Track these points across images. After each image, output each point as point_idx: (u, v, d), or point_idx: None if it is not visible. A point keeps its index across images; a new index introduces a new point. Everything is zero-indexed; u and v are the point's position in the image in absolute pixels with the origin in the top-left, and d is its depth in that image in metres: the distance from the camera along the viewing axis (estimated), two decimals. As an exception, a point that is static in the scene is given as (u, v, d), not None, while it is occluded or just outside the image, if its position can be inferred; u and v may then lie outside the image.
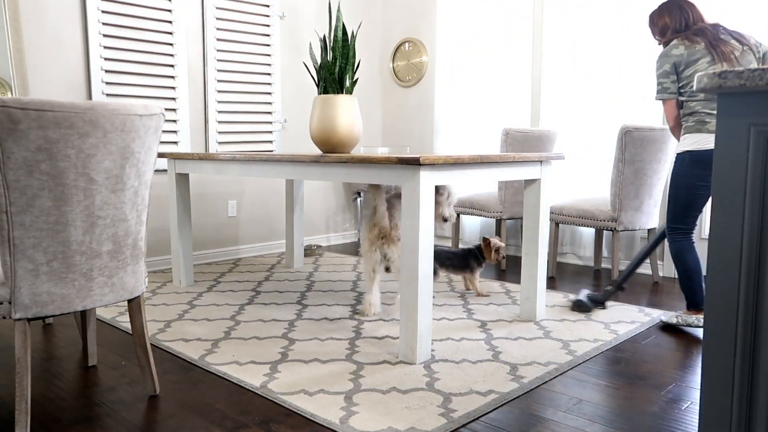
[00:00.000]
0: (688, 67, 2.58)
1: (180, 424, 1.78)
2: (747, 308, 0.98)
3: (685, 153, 2.61)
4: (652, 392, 2.01)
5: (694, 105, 2.59)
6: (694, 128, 2.59)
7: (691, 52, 2.58)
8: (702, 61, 2.57)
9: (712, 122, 2.56)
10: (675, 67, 2.61)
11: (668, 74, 2.62)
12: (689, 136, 2.61)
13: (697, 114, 2.58)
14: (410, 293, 2.21)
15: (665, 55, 2.63)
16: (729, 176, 0.98)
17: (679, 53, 2.60)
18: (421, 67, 5.02)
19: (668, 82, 2.63)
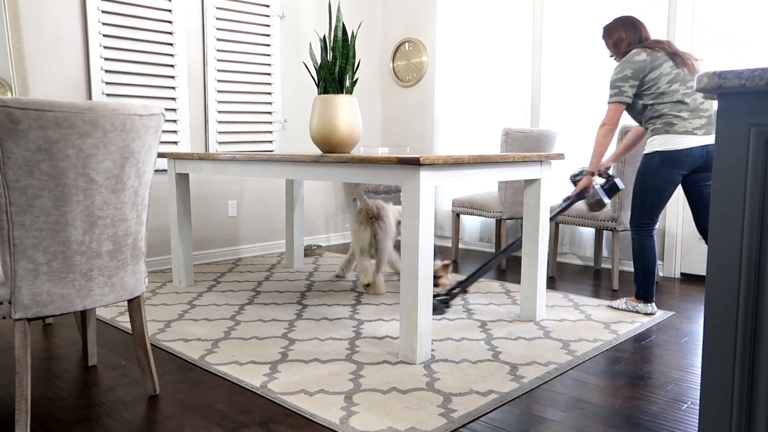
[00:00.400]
0: (653, 71, 2.72)
1: (180, 424, 1.78)
2: (747, 308, 0.98)
3: (655, 153, 2.73)
4: (652, 392, 2.01)
5: (660, 108, 2.72)
6: (662, 130, 2.71)
7: (653, 58, 2.73)
8: (665, 65, 2.72)
9: (679, 124, 2.69)
10: (637, 72, 2.74)
11: (628, 79, 2.75)
12: (658, 138, 2.73)
13: (665, 116, 2.71)
14: (410, 293, 2.21)
15: (627, 62, 2.76)
16: (729, 176, 0.98)
17: (642, 59, 2.74)
18: (421, 67, 5.02)
19: (626, 86, 2.76)
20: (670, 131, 2.69)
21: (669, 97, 2.71)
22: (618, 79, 2.77)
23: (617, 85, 2.77)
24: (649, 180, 2.76)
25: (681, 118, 2.69)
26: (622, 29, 2.86)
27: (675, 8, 3.66)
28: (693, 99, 2.71)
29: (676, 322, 2.82)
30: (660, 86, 2.72)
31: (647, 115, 2.79)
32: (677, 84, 2.72)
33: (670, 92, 2.71)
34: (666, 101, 2.71)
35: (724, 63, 3.52)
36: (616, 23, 2.88)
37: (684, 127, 2.68)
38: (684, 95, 2.71)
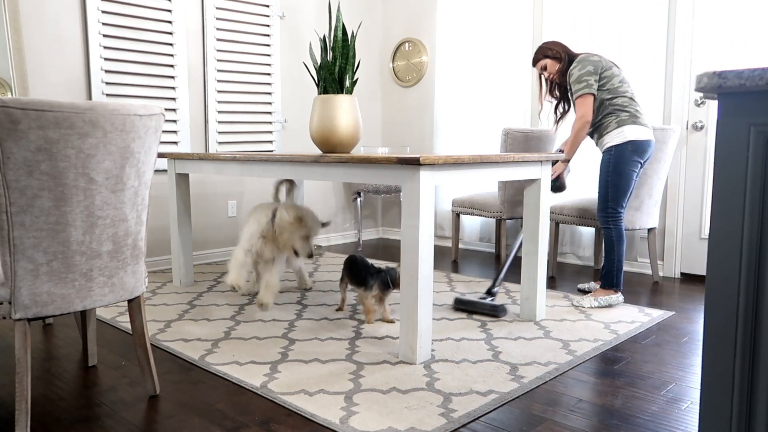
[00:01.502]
0: (607, 69, 2.97)
1: (180, 424, 1.78)
2: (747, 308, 0.98)
3: (627, 143, 2.90)
4: (652, 392, 2.01)
5: (621, 101, 2.94)
6: (629, 120, 2.92)
7: (605, 60, 2.99)
8: (615, 68, 3.00)
9: (641, 117, 2.94)
10: (597, 68, 2.96)
11: (592, 74, 2.95)
12: (627, 128, 2.91)
13: (628, 109, 2.93)
14: (410, 293, 2.21)
15: (586, 60, 2.99)
16: (729, 176, 0.98)
17: (598, 59, 2.99)
18: (421, 67, 5.02)
19: (592, 80, 2.95)
20: (636, 122, 2.91)
21: (623, 93, 2.95)
22: (584, 74, 2.95)
23: (584, 79, 2.94)
24: (623, 168, 2.93)
25: (639, 112, 2.95)
26: (554, 46, 3.12)
27: (675, 8, 3.66)
28: (637, 99, 3.02)
29: (676, 322, 2.82)
30: (615, 83, 2.95)
31: (608, 110, 2.96)
32: (626, 84, 2.98)
33: (624, 89, 2.96)
34: (623, 96, 2.94)
35: (724, 63, 3.52)
36: (545, 44, 3.14)
37: (643, 121, 2.94)
38: (632, 94, 2.98)
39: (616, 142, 2.92)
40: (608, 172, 2.95)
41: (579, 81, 2.95)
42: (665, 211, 3.80)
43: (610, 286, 3.02)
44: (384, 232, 5.48)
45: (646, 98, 3.81)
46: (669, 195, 3.78)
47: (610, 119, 2.94)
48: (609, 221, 2.99)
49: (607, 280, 3.02)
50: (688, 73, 3.66)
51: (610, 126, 2.94)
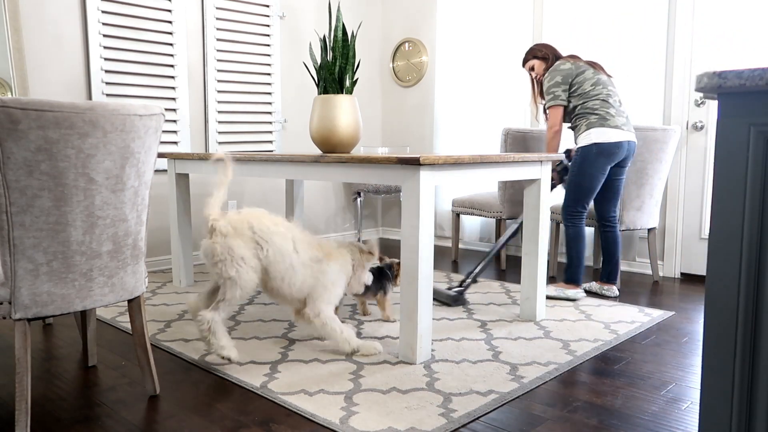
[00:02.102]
0: (578, 75, 3.09)
1: (180, 424, 1.78)
2: (747, 308, 0.98)
3: (593, 145, 3.02)
4: (652, 392, 2.01)
5: (591, 105, 3.05)
6: (597, 123, 3.02)
7: (576, 66, 3.11)
8: (588, 71, 3.10)
9: (610, 120, 3.02)
10: (566, 78, 3.10)
11: (560, 84, 3.10)
12: (594, 131, 3.02)
13: (597, 112, 3.03)
14: (410, 293, 2.21)
15: (555, 70, 3.13)
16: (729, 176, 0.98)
17: (567, 67, 3.11)
18: (421, 67, 5.02)
19: (559, 91, 3.10)
20: (604, 125, 3.01)
21: (595, 96, 3.05)
22: (551, 86, 3.12)
23: (552, 91, 3.12)
24: (586, 169, 3.04)
25: (610, 114, 3.02)
26: (544, 48, 3.26)
27: (675, 8, 3.66)
28: (614, 100, 3.07)
29: (676, 322, 2.82)
30: (586, 87, 3.07)
31: (579, 113, 3.09)
32: (600, 86, 3.07)
33: (596, 92, 3.06)
34: (594, 100, 3.05)
35: (724, 63, 3.52)
36: (535, 45, 3.30)
37: (614, 122, 3.01)
38: (607, 96, 3.06)
39: (582, 144, 3.06)
40: (573, 173, 3.10)
41: (547, 93, 3.13)
42: (665, 211, 3.80)
43: (569, 281, 3.16)
44: (384, 232, 5.47)
45: (646, 98, 3.81)
46: (669, 195, 3.78)
47: (581, 122, 3.08)
48: (569, 219, 3.13)
49: (567, 275, 3.17)
50: (688, 73, 3.66)
51: (581, 128, 3.08)
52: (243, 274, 2.11)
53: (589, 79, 3.07)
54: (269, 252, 2.15)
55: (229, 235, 2.12)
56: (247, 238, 2.14)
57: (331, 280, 2.28)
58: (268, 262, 2.16)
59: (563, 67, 3.11)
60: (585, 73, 3.08)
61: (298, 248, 2.22)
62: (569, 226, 3.12)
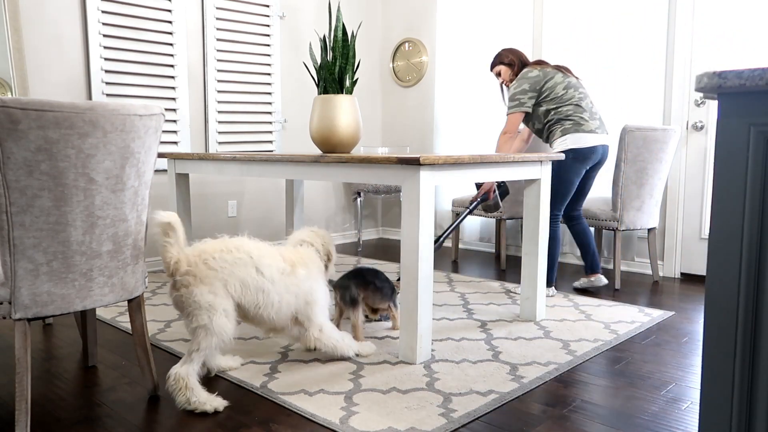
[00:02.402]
0: (547, 81, 3.10)
1: (180, 424, 1.78)
2: (747, 308, 0.98)
3: (569, 151, 3.06)
4: (652, 392, 2.01)
5: (564, 110, 3.09)
6: (572, 129, 3.06)
7: (545, 72, 3.12)
8: (557, 76, 3.12)
9: (584, 124, 3.06)
10: (534, 85, 3.10)
11: (527, 92, 3.11)
12: (570, 137, 3.06)
13: (571, 118, 3.07)
14: (410, 293, 2.21)
15: (523, 78, 3.14)
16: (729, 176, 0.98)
17: (535, 74, 3.12)
18: (421, 67, 5.02)
19: (525, 98, 3.12)
20: (579, 130, 3.05)
21: (568, 101, 3.09)
22: (517, 93, 3.12)
23: (517, 97, 3.12)
24: (563, 175, 3.09)
25: (584, 119, 3.07)
26: (511, 54, 3.28)
27: (675, 8, 3.66)
28: (586, 103, 3.11)
29: (676, 322, 2.82)
30: (558, 91, 3.09)
31: (552, 118, 3.12)
32: (572, 90, 3.10)
33: (568, 96, 3.09)
34: (567, 105, 3.08)
35: (724, 63, 3.52)
36: (502, 51, 3.31)
37: (589, 126, 3.06)
38: (579, 99, 3.10)
39: (558, 149, 3.11)
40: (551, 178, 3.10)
41: (512, 99, 3.15)
42: (665, 211, 3.80)
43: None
44: (384, 232, 5.47)
45: (646, 98, 3.81)
46: (669, 195, 3.78)
47: (556, 128, 3.12)
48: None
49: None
50: (688, 73, 3.66)
51: (556, 134, 3.12)
52: (216, 321, 1.89)
53: (559, 83, 3.10)
54: (235, 285, 1.95)
55: (190, 284, 1.91)
56: (211, 279, 1.92)
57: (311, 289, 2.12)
58: (238, 296, 1.96)
59: (531, 75, 3.12)
60: (554, 78, 3.10)
61: (261, 269, 2.00)
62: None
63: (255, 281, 1.98)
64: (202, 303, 1.90)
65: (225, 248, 1.99)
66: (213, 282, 1.92)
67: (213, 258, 1.95)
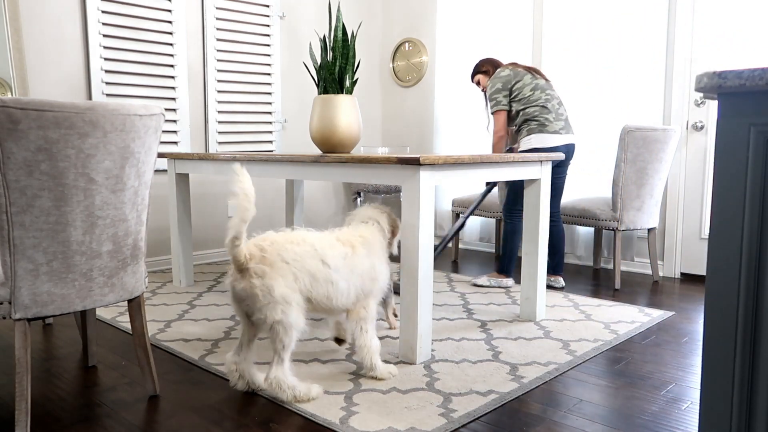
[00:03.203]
0: (517, 82, 3.25)
1: (180, 424, 1.78)
2: (747, 308, 0.98)
3: (533, 150, 3.21)
4: (652, 392, 2.01)
5: (531, 111, 3.23)
6: (537, 129, 3.21)
7: (515, 73, 3.27)
8: (526, 77, 3.26)
9: (549, 125, 3.20)
10: (505, 84, 3.26)
11: (500, 91, 3.26)
12: (534, 137, 3.22)
13: (537, 119, 3.21)
14: (410, 293, 2.21)
15: (495, 77, 3.30)
16: (729, 176, 0.98)
17: (506, 74, 3.28)
18: (421, 67, 5.02)
19: (501, 96, 3.27)
20: (543, 131, 3.20)
21: (534, 102, 3.21)
22: (493, 93, 3.29)
23: (494, 97, 3.28)
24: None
25: (549, 120, 3.20)
26: (485, 63, 3.48)
27: (675, 8, 3.66)
28: (552, 105, 3.24)
29: (676, 322, 2.82)
30: (525, 93, 3.23)
31: (520, 119, 3.27)
32: (538, 92, 3.23)
33: (534, 98, 3.22)
34: (534, 106, 3.21)
35: (724, 63, 3.52)
36: (479, 62, 3.50)
37: (552, 127, 3.20)
38: (546, 101, 3.23)
39: (523, 149, 3.27)
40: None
41: (490, 99, 3.31)
42: (665, 211, 3.80)
43: (501, 271, 3.42)
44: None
45: (646, 98, 3.81)
46: (669, 195, 3.78)
47: (523, 128, 3.28)
48: (508, 216, 3.35)
49: (501, 265, 3.42)
50: (688, 73, 3.66)
51: (522, 134, 3.29)
52: (292, 315, 1.85)
53: (528, 84, 3.23)
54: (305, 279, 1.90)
55: (266, 275, 1.84)
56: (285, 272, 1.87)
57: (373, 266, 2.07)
58: (307, 290, 1.91)
59: (502, 74, 3.28)
60: (523, 79, 3.24)
61: (326, 260, 1.95)
62: (508, 223, 3.34)
63: (323, 273, 1.94)
64: (276, 296, 1.83)
65: (294, 240, 1.94)
66: (287, 275, 1.87)
67: (285, 250, 1.90)
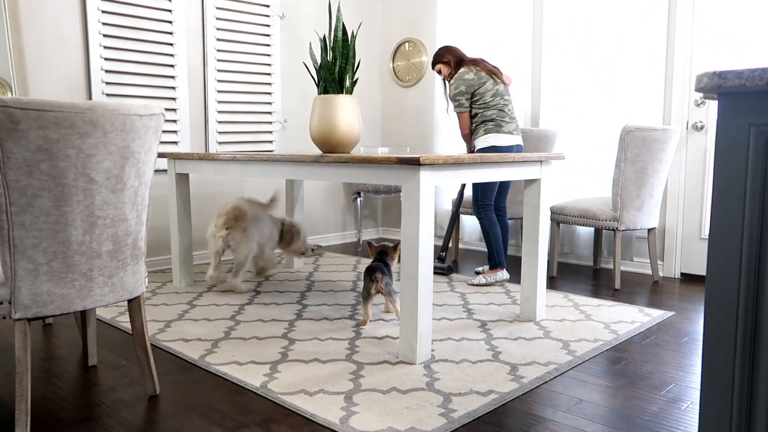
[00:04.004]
0: (480, 87, 3.41)
1: (180, 424, 1.78)
2: (747, 308, 0.98)
3: (491, 147, 3.41)
4: (652, 392, 2.01)
5: (490, 114, 3.42)
6: (494, 129, 3.41)
7: (479, 76, 3.41)
8: (488, 83, 3.42)
9: (504, 126, 3.41)
10: (469, 88, 3.41)
11: (463, 94, 3.43)
12: (491, 136, 3.41)
13: (494, 120, 3.41)
14: (410, 293, 2.21)
15: (460, 79, 3.43)
16: (729, 176, 0.98)
17: (471, 77, 3.41)
18: (421, 67, 5.02)
19: (463, 99, 3.44)
20: (499, 131, 3.41)
21: (493, 106, 3.41)
22: (456, 94, 3.45)
23: (457, 99, 3.45)
24: None
25: (505, 122, 3.42)
26: (447, 53, 3.55)
27: (675, 8, 3.66)
28: (508, 109, 3.46)
29: (676, 322, 2.82)
30: (486, 98, 3.42)
31: (479, 120, 3.45)
32: (497, 97, 3.43)
33: (494, 103, 3.42)
34: (492, 109, 3.42)
35: (724, 63, 3.52)
36: (439, 50, 3.59)
37: (507, 129, 3.42)
38: (503, 105, 3.44)
39: (480, 147, 3.43)
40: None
41: (453, 100, 3.48)
42: (665, 211, 3.80)
43: (494, 266, 3.52)
44: (384, 232, 5.47)
45: (646, 98, 3.81)
46: (669, 195, 3.78)
47: (480, 128, 3.45)
48: (480, 213, 3.49)
49: (492, 261, 3.52)
50: (688, 73, 3.66)
51: (479, 133, 3.45)
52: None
53: (489, 90, 3.42)
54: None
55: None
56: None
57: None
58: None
59: (467, 77, 3.42)
60: (486, 84, 3.42)
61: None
62: (482, 218, 3.48)
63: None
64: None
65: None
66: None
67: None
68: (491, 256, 3.51)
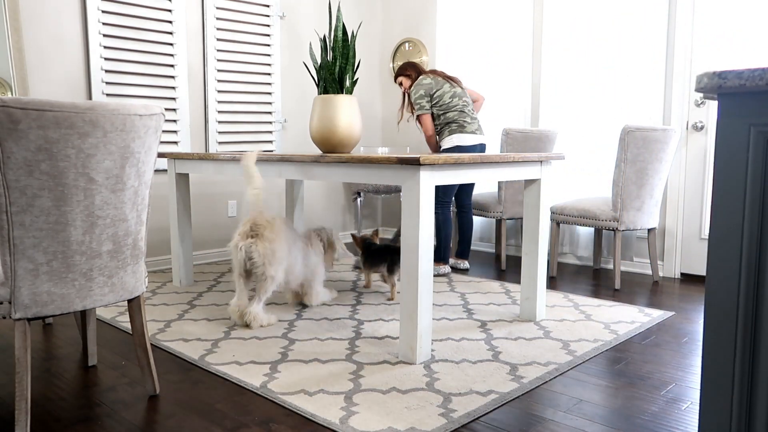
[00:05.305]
0: (438, 90, 3.67)
1: (180, 424, 1.78)
2: (747, 308, 0.98)
3: (455, 147, 3.64)
4: (652, 392, 2.01)
5: (451, 116, 3.67)
6: (458, 130, 3.65)
7: (436, 81, 3.70)
8: (446, 86, 3.68)
9: (467, 127, 3.65)
10: (427, 91, 3.68)
11: (423, 97, 3.69)
12: (455, 136, 3.65)
13: (457, 121, 3.66)
14: (410, 293, 2.21)
15: (419, 85, 3.70)
16: (729, 176, 0.98)
17: (428, 82, 3.70)
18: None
19: (424, 102, 3.69)
20: (462, 131, 3.64)
21: (454, 107, 3.65)
22: (417, 98, 3.70)
23: (418, 102, 3.69)
24: None
25: (467, 122, 3.65)
26: (408, 67, 3.85)
27: (675, 8, 3.66)
28: (468, 110, 3.70)
29: (676, 322, 2.82)
30: (445, 100, 3.66)
31: (442, 122, 3.69)
32: (456, 99, 3.67)
33: (453, 104, 3.66)
34: (453, 111, 3.65)
35: (724, 63, 3.52)
36: (403, 65, 3.89)
37: (470, 129, 3.65)
38: (463, 107, 3.67)
39: (445, 147, 3.66)
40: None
41: (415, 103, 3.71)
42: (665, 211, 3.80)
43: (438, 259, 3.74)
44: (384, 232, 5.47)
45: (646, 98, 3.81)
46: (669, 195, 3.78)
47: (444, 129, 3.69)
48: (438, 208, 3.70)
49: (437, 254, 3.73)
50: (688, 73, 3.66)
51: (444, 134, 3.69)
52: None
53: (447, 92, 3.66)
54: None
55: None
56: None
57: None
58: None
59: (424, 82, 3.68)
60: (443, 87, 3.66)
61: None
62: (439, 214, 3.69)
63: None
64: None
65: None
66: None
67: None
68: (437, 250, 3.72)
